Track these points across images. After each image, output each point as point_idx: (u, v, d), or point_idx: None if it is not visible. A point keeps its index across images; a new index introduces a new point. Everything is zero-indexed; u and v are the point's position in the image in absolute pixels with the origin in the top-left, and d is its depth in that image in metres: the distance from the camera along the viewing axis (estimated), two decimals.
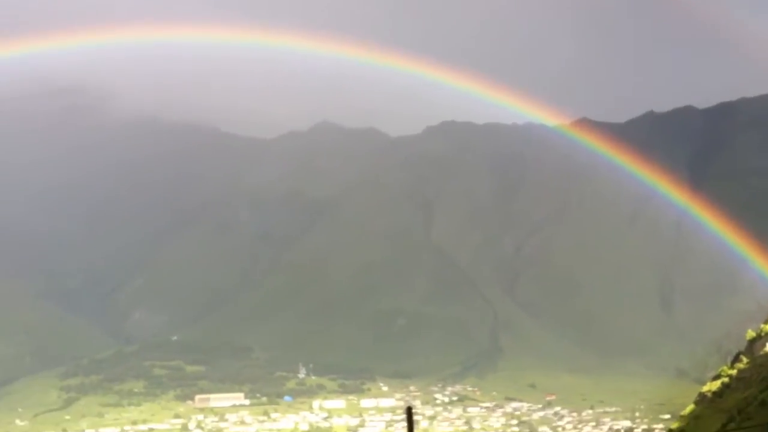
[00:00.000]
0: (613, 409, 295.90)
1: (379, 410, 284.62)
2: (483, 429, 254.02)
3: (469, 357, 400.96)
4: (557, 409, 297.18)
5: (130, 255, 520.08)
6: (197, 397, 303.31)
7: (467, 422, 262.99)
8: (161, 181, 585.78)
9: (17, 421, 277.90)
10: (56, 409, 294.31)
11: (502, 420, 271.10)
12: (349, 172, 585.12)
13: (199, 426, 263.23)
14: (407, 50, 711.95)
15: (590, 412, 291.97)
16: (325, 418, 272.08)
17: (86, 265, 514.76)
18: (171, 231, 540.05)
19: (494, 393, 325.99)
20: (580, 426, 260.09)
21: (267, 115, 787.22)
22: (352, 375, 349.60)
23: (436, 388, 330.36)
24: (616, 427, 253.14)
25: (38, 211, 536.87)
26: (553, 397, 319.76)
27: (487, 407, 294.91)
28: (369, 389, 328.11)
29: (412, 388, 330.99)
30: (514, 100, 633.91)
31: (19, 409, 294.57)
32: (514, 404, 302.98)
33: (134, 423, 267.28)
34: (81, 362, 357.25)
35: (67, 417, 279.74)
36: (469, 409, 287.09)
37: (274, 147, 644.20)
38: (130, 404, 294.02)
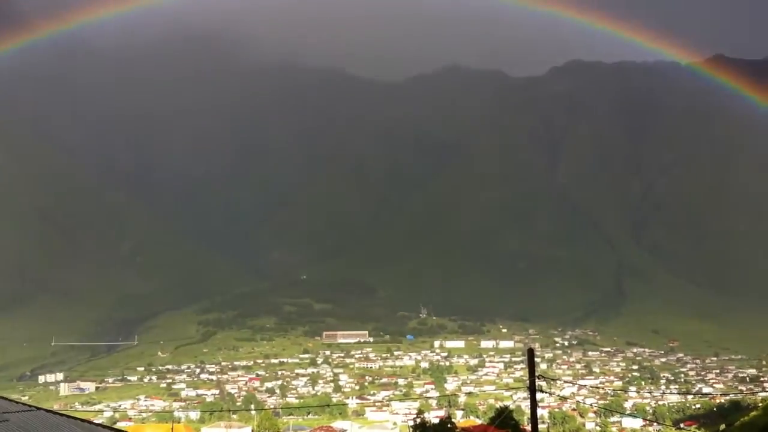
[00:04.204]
0: (739, 356, 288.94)
1: (498, 351, 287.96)
2: (602, 373, 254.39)
3: (591, 301, 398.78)
4: (680, 355, 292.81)
5: (268, 196, 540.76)
6: (324, 333, 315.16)
7: (587, 366, 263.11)
8: (296, 124, 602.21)
9: (159, 353, 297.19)
10: (195, 342, 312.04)
11: (623, 365, 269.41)
12: (475, 115, 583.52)
13: (326, 361, 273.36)
14: None
15: (714, 359, 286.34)
16: (446, 357, 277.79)
17: (228, 205, 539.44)
18: (305, 172, 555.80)
19: (615, 338, 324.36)
20: (703, 373, 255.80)
21: (396, 58, 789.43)
22: (472, 316, 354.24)
23: (555, 332, 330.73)
24: (741, 375, 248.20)
25: (182, 154, 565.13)
26: (677, 343, 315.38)
27: (607, 352, 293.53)
28: (489, 331, 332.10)
29: (531, 330, 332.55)
30: (643, 37, 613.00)
31: (161, 342, 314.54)
32: (636, 349, 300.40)
33: (266, 357, 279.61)
34: (219, 298, 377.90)
35: (205, 350, 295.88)
36: (589, 353, 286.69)
37: (403, 89, 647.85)
38: (262, 339, 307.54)
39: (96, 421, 29.33)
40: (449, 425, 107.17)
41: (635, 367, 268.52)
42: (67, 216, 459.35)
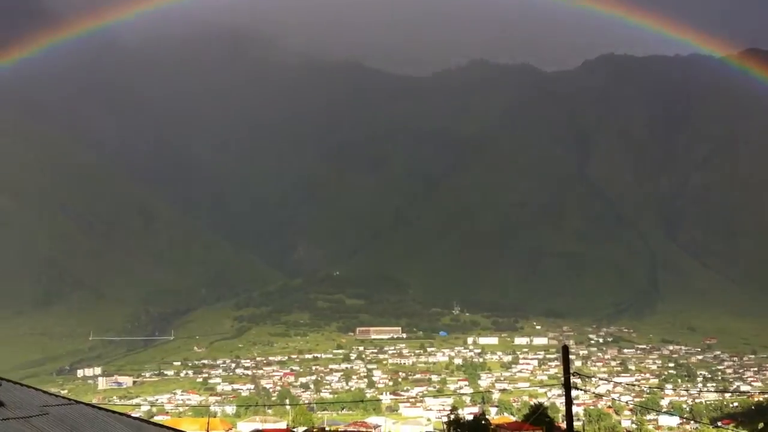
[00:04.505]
0: None
1: (532, 348, 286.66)
2: (638, 370, 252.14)
3: (625, 298, 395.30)
4: (717, 352, 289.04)
5: (294, 192, 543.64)
6: (358, 329, 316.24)
7: (622, 363, 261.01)
8: (324, 120, 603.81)
9: (195, 348, 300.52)
10: (229, 337, 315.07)
11: (659, 362, 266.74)
12: (503, 109, 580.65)
13: (359, 356, 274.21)
14: None
15: (752, 357, 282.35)
16: (479, 354, 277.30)
17: (256, 201, 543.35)
18: (330, 168, 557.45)
19: (651, 335, 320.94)
20: (740, 371, 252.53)
21: (422, 53, 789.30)
22: (505, 313, 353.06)
23: (590, 329, 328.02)
24: None
25: (212, 150, 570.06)
26: (714, 341, 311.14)
27: (643, 349, 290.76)
28: (522, 327, 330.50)
29: (565, 327, 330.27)
30: (677, 30, 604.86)
31: (197, 337, 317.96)
32: (672, 347, 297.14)
33: (300, 352, 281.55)
34: (252, 294, 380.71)
35: (240, 345, 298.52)
36: (625, 351, 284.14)
37: (430, 84, 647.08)
38: (296, 334, 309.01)
39: (133, 415, 29.62)
40: (483, 422, 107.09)
41: (671, 364, 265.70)
42: (99, 213, 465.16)
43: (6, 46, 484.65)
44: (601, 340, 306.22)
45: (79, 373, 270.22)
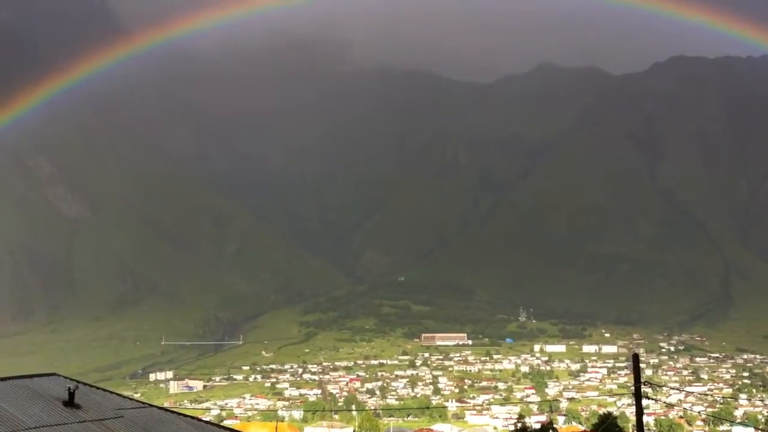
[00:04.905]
0: None
1: (601, 356, 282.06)
2: (711, 380, 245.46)
3: (698, 305, 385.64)
4: None
5: (361, 198, 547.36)
6: (423, 335, 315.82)
7: (694, 372, 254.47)
8: (389, 127, 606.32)
9: (263, 353, 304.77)
10: (297, 342, 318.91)
11: (732, 371, 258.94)
12: (570, 113, 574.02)
13: (425, 363, 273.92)
14: None
15: None
16: (546, 362, 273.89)
17: (323, 208, 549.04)
18: (398, 175, 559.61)
19: (724, 343, 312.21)
20: None
21: (487, 59, 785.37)
22: (573, 320, 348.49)
23: (661, 337, 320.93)
24: None
25: (283, 158, 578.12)
26: None
27: (716, 358, 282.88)
28: (590, 335, 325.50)
29: (635, 335, 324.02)
30: (748, 31, 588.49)
31: (265, 342, 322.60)
32: (746, 355, 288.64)
33: (366, 358, 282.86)
34: (319, 300, 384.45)
35: (307, 350, 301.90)
36: (697, 359, 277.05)
37: (494, 90, 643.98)
38: (362, 340, 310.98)
39: (204, 419, 30.26)
40: (551, 431, 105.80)
41: (746, 373, 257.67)
42: (173, 220, 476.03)
43: (81, 58, 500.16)
44: (672, 349, 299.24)
45: (152, 377, 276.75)
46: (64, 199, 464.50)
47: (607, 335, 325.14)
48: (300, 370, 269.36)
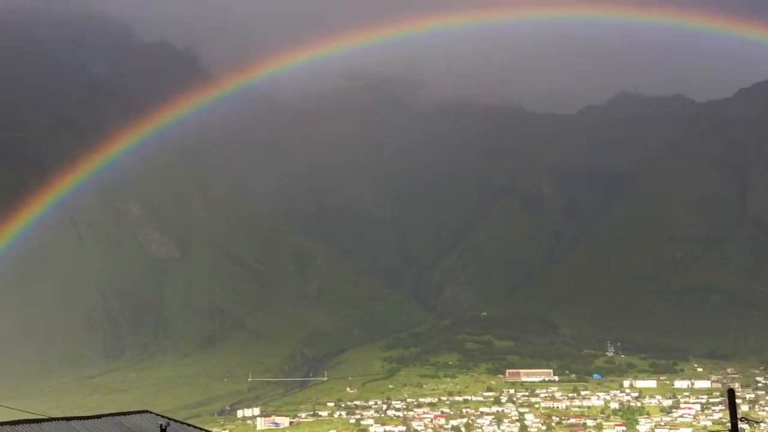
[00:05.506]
0: None
1: (694, 392, 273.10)
2: None
3: None
4: None
5: (441, 234, 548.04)
6: (507, 371, 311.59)
7: None
8: (470, 162, 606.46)
9: (348, 389, 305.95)
10: (380, 378, 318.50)
11: None
12: (654, 142, 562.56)
13: (510, 399, 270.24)
14: (706, 7, 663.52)
15: None
16: (636, 398, 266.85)
17: (403, 243, 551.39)
18: (479, 210, 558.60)
19: None
20: None
21: (567, 90, 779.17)
22: (663, 354, 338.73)
23: (757, 371, 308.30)
24: None
25: (362, 196, 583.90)
26: None
27: None
28: (682, 369, 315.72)
29: (729, 369, 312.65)
30: None
31: (349, 378, 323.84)
32: None
33: (450, 394, 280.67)
34: (401, 335, 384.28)
35: (390, 386, 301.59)
36: None
37: (575, 122, 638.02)
38: (445, 376, 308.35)
39: None
40: None
41: None
42: (258, 259, 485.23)
43: (169, 104, 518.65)
44: None
45: (239, 413, 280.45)
46: (153, 240, 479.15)
47: (700, 370, 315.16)
48: (384, 406, 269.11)
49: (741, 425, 29.07)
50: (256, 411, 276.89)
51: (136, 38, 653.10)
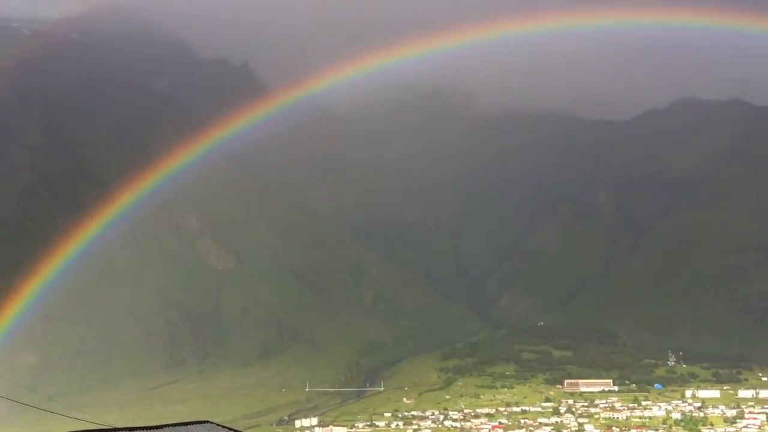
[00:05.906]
0: None
1: (759, 401, 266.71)
2: None
3: None
4: None
5: (496, 243, 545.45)
6: (566, 381, 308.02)
7: None
8: (524, 170, 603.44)
9: (404, 399, 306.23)
10: (437, 388, 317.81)
11: None
12: (714, 148, 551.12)
13: (569, 410, 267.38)
14: (764, 9, 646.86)
15: None
16: (699, 408, 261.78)
17: (458, 253, 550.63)
18: (534, 218, 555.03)
19: None
20: None
21: (624, 96, 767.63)
22: (726, 363, 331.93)
23: None
24: None
25: (415, 207, 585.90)
26: None
27: None
28: (746, 379, 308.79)
29: None
30: None
31: (405, 388, 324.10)
32: None
33: (507, 405, 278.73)
34: (457, 345, 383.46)
35: (447, 397, 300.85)
36: None
37: (632, 128, 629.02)
38: (503, 386, 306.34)
39: None
40: None
41: None
42: (314, 270, 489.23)
43: (227, 118, 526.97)
44: None
45: (297, 423, 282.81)
46: (212, 253, 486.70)
47: (765, 379, 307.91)
48: (441, 417, 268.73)
49: None
50: (314, 421, 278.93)
51: (194, 55, 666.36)
